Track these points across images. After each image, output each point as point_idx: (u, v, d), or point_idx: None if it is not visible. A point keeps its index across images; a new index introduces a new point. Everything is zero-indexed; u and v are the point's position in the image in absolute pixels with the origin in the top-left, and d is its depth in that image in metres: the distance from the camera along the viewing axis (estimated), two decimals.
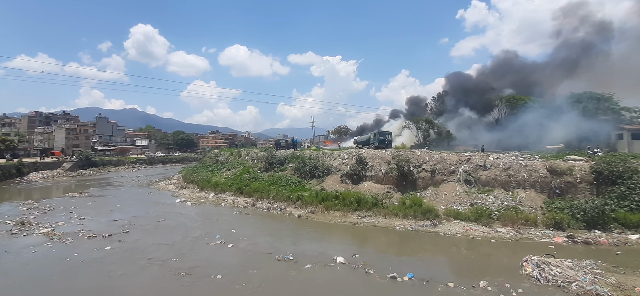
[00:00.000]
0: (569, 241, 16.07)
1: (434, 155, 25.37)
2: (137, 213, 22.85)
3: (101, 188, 37.94)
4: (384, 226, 19.20)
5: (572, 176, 19.82)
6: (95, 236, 16.98)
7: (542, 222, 17.79)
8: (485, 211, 18.92)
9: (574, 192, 19.47)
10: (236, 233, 17.77)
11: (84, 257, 14.02)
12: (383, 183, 24.25)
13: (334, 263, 13.33)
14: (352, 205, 21.34)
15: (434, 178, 23.37)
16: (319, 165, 27.64)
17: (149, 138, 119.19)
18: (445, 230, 18.07)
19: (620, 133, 33.24)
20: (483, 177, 21.98)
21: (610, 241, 15.72)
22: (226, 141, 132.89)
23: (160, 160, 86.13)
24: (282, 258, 13.89)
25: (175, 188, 35.71)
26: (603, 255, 14.15)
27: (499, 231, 17.54)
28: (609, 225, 16.84)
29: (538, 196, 19.82)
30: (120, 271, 12.59)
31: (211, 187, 31.48)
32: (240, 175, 32.33)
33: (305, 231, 18.57)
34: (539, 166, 21.06)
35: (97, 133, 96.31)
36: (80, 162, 60.19)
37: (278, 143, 50.03)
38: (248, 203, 25.77)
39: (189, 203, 27.18)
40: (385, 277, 11.97)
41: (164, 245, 15.73)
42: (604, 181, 18.95)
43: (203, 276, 12.03)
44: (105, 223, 20.03)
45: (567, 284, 10.96)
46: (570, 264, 12.26)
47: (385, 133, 39.16)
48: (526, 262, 12.60)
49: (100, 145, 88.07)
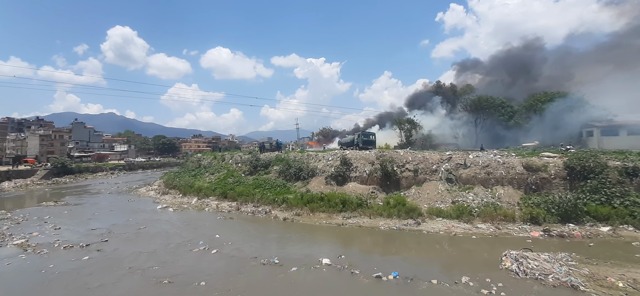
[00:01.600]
0: (545, 235, 16.71)
1: (417, 155, 25.84)
2: (116, 221, 22.15)
3: (78, 196, 36.55)
4: (369, 226, 19.38)
5: (546, 172, 20.63)
6: (71, 247, 16.35)
7: (520, 217, 18.44)
8: (466, 208, 19.43)
9: (549, 188, 20.26)
10: (220, 238, 17.51)
11: (60, 268, 13.48)
12: (367, 183, 24.48)
13: (319, 265, 13.36)
14: (337, 207, 21.44)
15: (417, 178, 23.79)
16: (303, 167, 27.62)
17: (129, 143, 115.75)
18: (428, 228, 18.42)
19: (590, 130, 34.85)
20: (464, 175, 22.55)
21: (583, 234, 16.45)
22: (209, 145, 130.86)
23: (141, 165, 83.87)
24: (267, 262, 13.80)
25: (157, 194, 34.85)
26: (577, 247, 14.79)
27: (480, 227, 18.04)
28: (582, 218, 17.64)
29: (515, 192, 20.51)
30: (99, 281, 12.18)
31: (194, 192, 30.92)
32: (224, 179, 31.90)
33: (291, 234, 18.51)
34: (516, 163, 21.80)
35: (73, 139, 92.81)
36: (56, 169, 57.81)
37: (262, 146, 49.57)
38: (232, 207, 25.45)
39: (170, 209, 26.58)
40: (370, 277, 12.09)
41: (145, 253, 15.32)
42: (577, 176, 19.82)
43: (186, 284, 11.79)
44: (83, 233, 19.33)
45: (544, 276, 11.40)
46: (547, 257, 12.76)
47: (369, 134, 39.52)
48: (505, 257, 13.01)
49: (77, 152, 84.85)
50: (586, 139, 34.11)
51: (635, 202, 17.66)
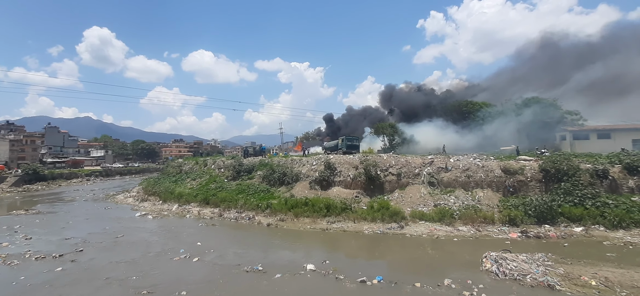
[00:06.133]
0: (522, 236, 17.29)
1: (400, 159, 26.17)
2: (92, 230, 21.27)
3: (51, 204, 34.93)
4: (354, 230, 19.44)
5: (523, 175, 21.36)
6: (44, 257, 15.59)
7: (499, 219, 18.99)
8: (448, 211, 19.83)
9: (526, 190, 20.98)
10: (202, 246, 17.11)
11: (32, 280, 12.83)
12: (351, 188, 24.59)
13: (304, 271, 13.27)
14: (322, 211, 21.42)
15: (400, 181, 24.09)
16: (288, 172, 27.46)
17: (106, 148, 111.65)
18: (411, 231, 18.67)
19: (563, 134, 36.38)
20: (445, 179, 23.02)
21: (558, 235, 17.11)
22: (191, 150, 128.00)
23: (118, 171, 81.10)
24: (251, 269, 13.58)
25: (135, 201, 33.76)
26: (552, 247, 15.36)
27: (461, 230, 18.44)
28: (557, 219, 18.38)
29: (494, 195, 21.11)
30: (74, 293, 11.65)
31: (175, 199, 30.15)
32: (206, 185, 31.29)
33: (275, 240, 18.32)
34: (495, 166, 22.46)
35: (46, 145, 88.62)
36: (27, 176, 55.25)
37: (246, 150, 48.97)
38: (215, 213, 24.97)
39: (150, 216, 25.80)
40: (355, 282, 12.11)
41: (123, 262, 14.78)
42: (551, 179, 20.63)
43: (166, 294, 11.43)
44: (56, 242, 18.46)
45: (523, 277, 11.76)
46: (525, 258, 13.17)
47: (353, 138, 39.72)
48: (485, 258, 13.33)
49: (50, 158, 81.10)
50: (559, 143, 35.53)
51: (606, 203, 18.57)
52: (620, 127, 34.19)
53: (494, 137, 38.48)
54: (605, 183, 20.02)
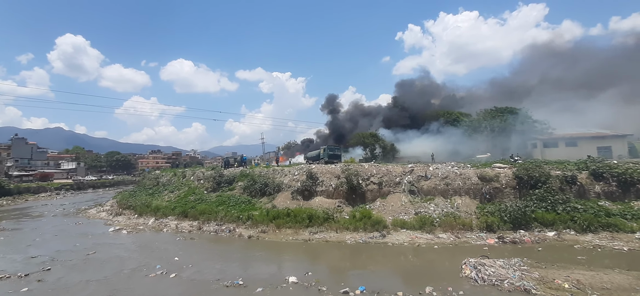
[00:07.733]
0: (499, 241, 17.80)
1: (381, 168, 26.47)
2: (61, 247, 20.10)
3: (16, 220, 32.84)
4: (336, 240, 19.38)
5: (498, 182, 22.09)
6: (8, 277, 14.57)
7: (477, 225, 19.48)
8: (428, 219, 20.16)
9: (501, 196, 21.69)
10: (180, 261, 16.52)
11: None
12: (334, 197, 24.60)
13: (286, 284, 13.04)
14: (304, 222, 21.25)
15: (381, 190, 24.32)
16: (269, 183, 27.15)
17: (78, 160, 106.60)
18: (393, 240, 18.82)
19: (534, 142, 38.08)
20: (425, 187, 23.44)
21: (532, 239, 17.73)
22: (169, 161, 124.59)
23: (91, 184, 77.54)
24: (231, 284, 13.22)
25: (109, 215, 32.30)
26: (527, 252, 15.88)
27: (441, 237, 18.77)
28: (531, 225, 19.06)
29: (472, 201, 21.68)
30: None
31: (151, 212, 29.08)
32: (185, 197, 30.42)
33: (256, 253, 17.96)
34: (472, 174, 23.11)
35: (12, 157, 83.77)
36: None
37: (227, 161, 48.17)
38: (193, 227, 24.26)
39: (124, 231, 24.73)
40: (338, 293, 12.01)
41: (94, 281, 14.03)
42: (525, 185, 21.43)
43: None
44: (21, 261, 17.32)
45: (500, 282, 12.05)
46: (502, 263, 13.53)
47: (335, 148, 39.92)
48: (465, 265, 13.59)
49: (16, 171, 76.59)
50: (531, 151, 37.13)
51: (575, 208, 19.45)
52: (586, 135, 36.19)
53: (468, 146, 39.82)
54: (574, 189, 21.01)
